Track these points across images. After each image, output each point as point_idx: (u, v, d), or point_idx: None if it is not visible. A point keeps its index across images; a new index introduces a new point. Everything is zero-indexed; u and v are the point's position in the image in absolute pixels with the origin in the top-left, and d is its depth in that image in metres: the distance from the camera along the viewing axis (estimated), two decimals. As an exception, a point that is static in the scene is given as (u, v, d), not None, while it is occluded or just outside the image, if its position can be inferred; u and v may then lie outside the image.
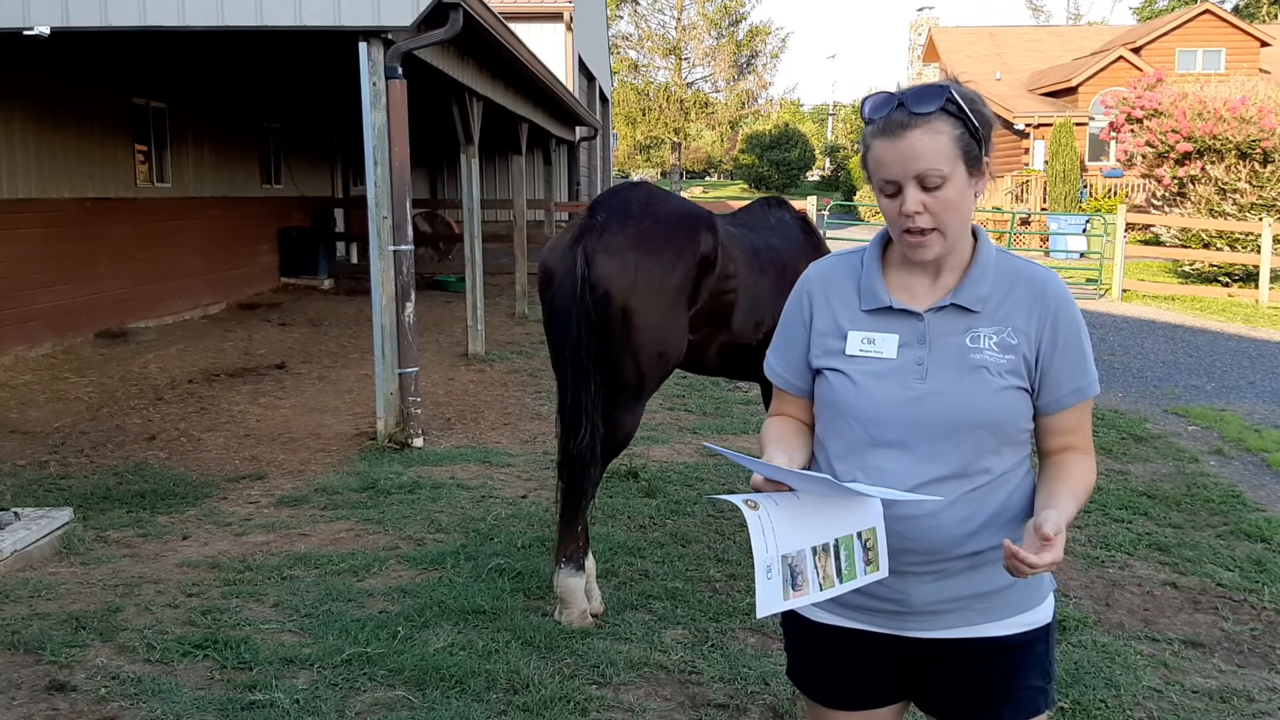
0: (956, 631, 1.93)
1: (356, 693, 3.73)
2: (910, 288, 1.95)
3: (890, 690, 2.03)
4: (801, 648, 2.10)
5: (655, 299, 4.19)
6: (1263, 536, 5.57)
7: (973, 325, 1.90)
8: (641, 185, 4.57)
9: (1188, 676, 3.99)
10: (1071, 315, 1.92)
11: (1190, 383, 10.12)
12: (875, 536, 1.81)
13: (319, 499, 6.10)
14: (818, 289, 2.03)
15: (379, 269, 7.39)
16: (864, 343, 1.93)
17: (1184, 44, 32.96)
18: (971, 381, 1.87)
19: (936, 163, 1.81)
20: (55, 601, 4.50)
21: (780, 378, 2.08)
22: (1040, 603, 1.97)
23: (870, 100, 1.87)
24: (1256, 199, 17.27)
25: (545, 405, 8.75)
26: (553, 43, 24.04)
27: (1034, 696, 1.95)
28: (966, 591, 1.91)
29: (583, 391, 4.15)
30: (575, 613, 4.27)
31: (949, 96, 1.82)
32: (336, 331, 12.62)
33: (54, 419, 7.95)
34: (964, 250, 1.94)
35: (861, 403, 1.91)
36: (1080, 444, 1.95)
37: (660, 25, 56.71)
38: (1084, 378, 1.92)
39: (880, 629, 1.96)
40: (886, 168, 1.84)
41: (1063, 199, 27.65)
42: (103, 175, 11.74)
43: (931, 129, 1.81)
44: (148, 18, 7.15)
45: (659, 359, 4.29)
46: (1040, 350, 1.90)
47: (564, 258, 4.15)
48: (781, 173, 54.45)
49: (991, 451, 1.89)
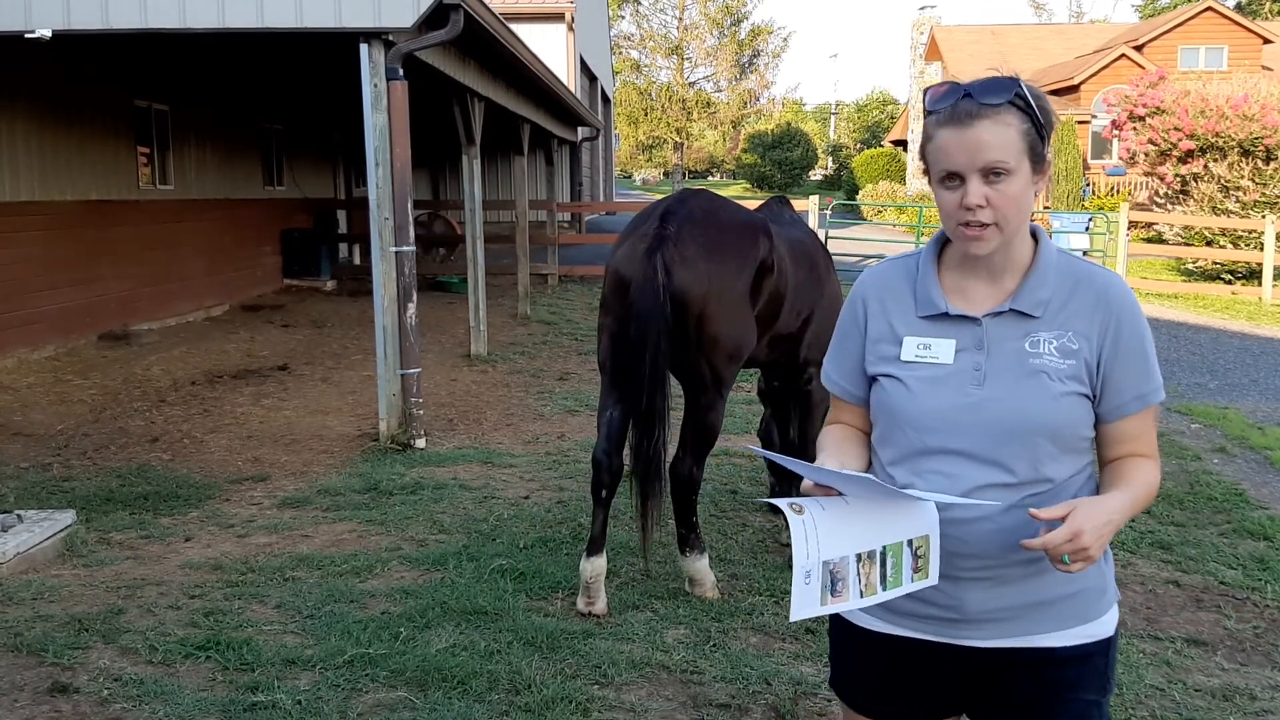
0: (1013, 641, 1.87)
1: (359, 694, 3.73)
2: (967, 292, 1.90)
3: (938, 702, 1.98)
4: (848, 655, 2.05)
5: (727, 303, 4.44)
6: (1266, 535, 5.56)
7: (1032, 330, 1.85)
8: (702, 193, 4.80)
9: (1190, 675, 3.98)
10: (1135, 319, 1.86)
11: (1193, 380, 10.11)
12: (927, 544, 1.77)
13: (321, 500, 6.10)
14: (873, 295, 1.99)
15: (381, 270, 7.39)
16: (920, 349, 1.89)
17: (1186, 41, 32.91)
18: (1030, 387, 1.82)
19: (1003, 155, 1.77)
20: (58, 603, 4.50)
21: (837, 385, 2.05)
22: (1103, 614, 1.91)
23: (933, 90, 1.83)
24: (1259, 196, 17.24)
25: (547, 406, 8.75)
26: (554, 43, 24.06)
27: (1087, 710, 1.89)
28: (1023, 600, 1.86)
29: (659, 394, 4.34)
30: (708, 588, 4.69)
31: (1018, 90, 1.79)
32: (339, 333, 12.63)
33: (57, 421, 7.96)
34: (1024, 252, 1.89)
35: (917, 409, 1.86)
36: (1144, 450, 1.89)
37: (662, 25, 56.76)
38: (1147, 384, 1.86)
39: (933, 637, 1.91)
40: (951, 157, 1.79)
41: (1065, 197, 27.61)
42: (105, 177, 11.76)
43: (1000, 120, 1.77)
44: (149, 20, 7.16)
45: (732, 359, 4.54)
46: (1102, 355, 1.84)
47: (642, 266, 4.34)
48: (784, 172, 54.41)
49: (1051, 459, 1.83)
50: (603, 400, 4.60)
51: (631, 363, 4.37)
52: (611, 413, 4.53)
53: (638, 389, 4.35)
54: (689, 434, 4.57)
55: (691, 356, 4.44)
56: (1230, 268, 17.58)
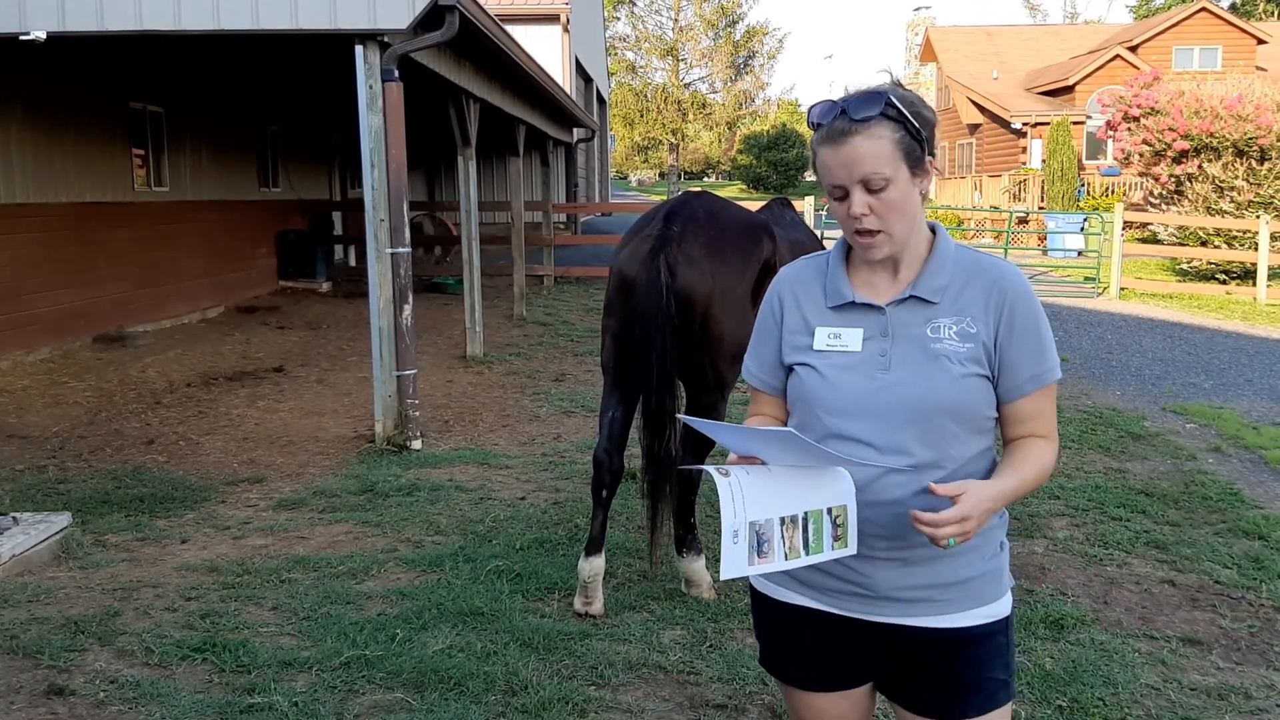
0: (922, 620, 1.97)
1: (355, 695, 3.73)
2: (873, 284, 2.02)
3: (859, 671, 2.08)
4: (770, 631, 2.15)
5: (731, 304, 4.46)
6: (1260, 534, 5.57)
7: (933, 316, 1.96)
8: (705, 195, 4.82)
9: (1186, 674, 3.99)
10: (1029, 304, 1.97)
11: (1188, 380, 10.13)
12: (845, 514, 1.87)
13: (317, 502, 6.10)
14: (787, 290, 2.12)
15: (376, 271, 7.39)
16: (830, 337, 2.01)
17: (1181, 42, 32.98)
18: (933, 370, 1.93)
19: (878, 166, 1.88)
20: (54, 606, 4.50)
21: (756, 377, 2.16)
22: (1001, 595, 2.02)
23: (816, 108, 1.95)
24: (1254, 196, 17.27)
25: (543, 407, 8.75)
26: (550, 44, 24.05)
27: (997, 689, 2.00)
28: (929, 580, 1.96)
29: (667, 394, 4.35)
30: (705, 588, 4.69)
31: (888, 101, 1.88)
32: (335, 334, 12.62)
33: (52, 423, 7.95)
34: (921, 246, 2.01)
35: (830, 394, 1.97)
36: (1042, 430, 2.00)
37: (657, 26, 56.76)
38: (1042, 365, 1.96)
39: (846, 612, 2.01)
40: (832, 173, 1.92)
41: (1060, 198, 27.66)
42: (100, 179, 11.74)
43: (872, 134, 1.88)
44: (144, 22, 7.15)
45: (735, 359, 4.52)
46: (998, 338, 1.95)
47: (646, 267, 4.35)
48: (779, 173, 54.46)
49: (955, 439, 1.94)
50: (605, 400, 4.61)
51: (635, 364, 4.38)
52: (614, 413, 4.55)
53: (645, 390, 4.37)
54: (689, 434, 4.58)
55: (695, 357, 4.46)
56: (1225, 268, 17.60)
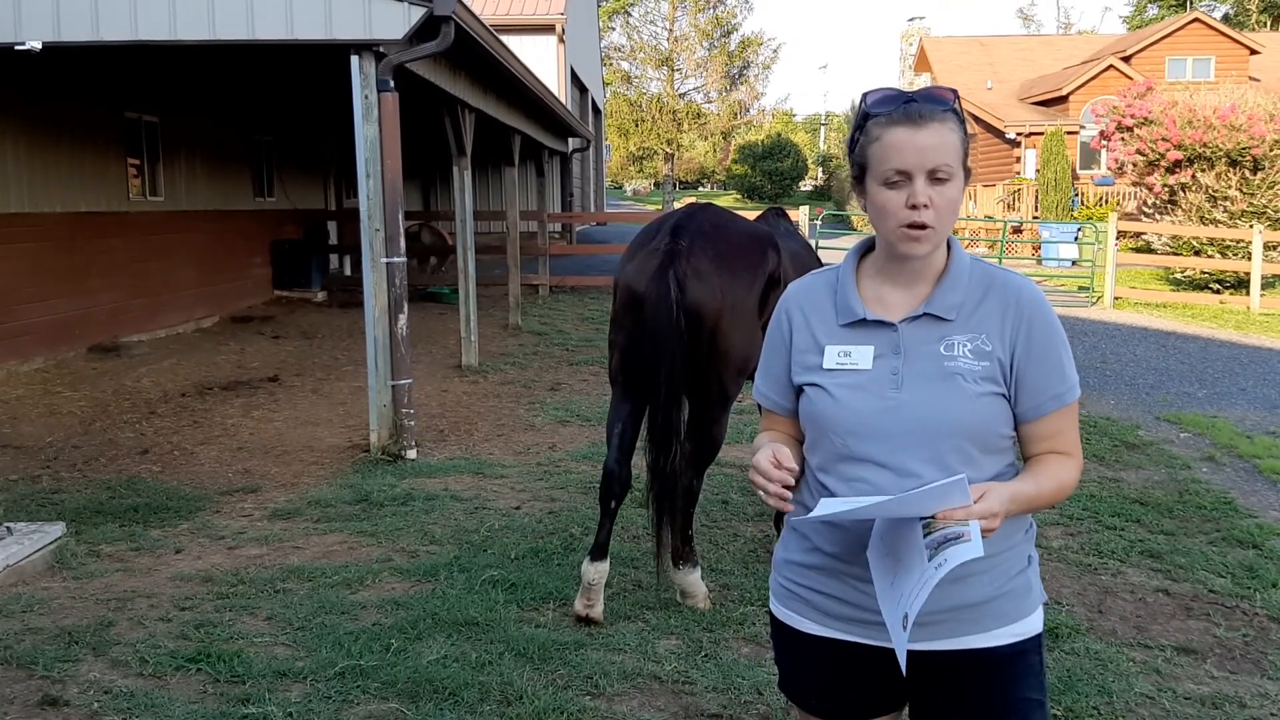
0: (946, 643, 1.92)
1: (350, 705, 3.72)
2: (884, 300, 1.96)
3: (884, 699, 2.03)
4: (790, 657, 2.09)
5: (740, 317, 4.47)
6: (1254, 543, 5.58)
7: (947, 334, 1.90)
8: (710, 207, 4.82)
9: (1180, 683, 4.00)
10: (1047, 321, 1.92)
11: (1182, 389, 10.15)
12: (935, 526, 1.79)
13: (312, 511, 6.09)
14: (795, 308, 2.05)
15: (372, 281, 7.40)
16: (840, 356, 1.94)
17: (1174, 52, 33.08)
18: (946, 389, 1.87)
19: (948, 158, 1.83)
20: (48, 616, 4.49)
21: (766, 398, 2.10)
22: (1030, 613, 1.96)
23: (876, 94, 1.88)
24: (1247, 206, 17.34)
25: (539, 416, 8.75)
26: (545, 55, 24.10)
27: (1030, 710, 1.94)
28: (952, 603, 1.90)
29: (674, 410, 4.35)
30: (700, 599, 4.68)
31: (957, 101, 1.86)
32: (330, 344, 12.61)
33: (46, 433, 7.93)
34: (938, 259, 1.95)
35: (840, 415, 1.91)
36: (1063, 447, 1.94)
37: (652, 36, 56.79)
38: (1063, 384, 1.92)
39: (870, 640, 1.95)
40: (903, 155, 1.83)
41: (1054, 207, 27.71)
42: (95, 189, 11.74)
43: (946, 126, 1.84)
44: (139, 32, 7.16)
45: (740, 373, 4.57)
46: (1015, 357, 1.89)
47: (656, 282, 4.34)
48: (774, 183, 54.46)
49: (971, 460, 1.87)
50: (614, 412, 4.62)
51: (644, 378, 4.39)
52: (623, 425, 4.57)
53: (652, 406, 4.37)
54: (692, 446, 4.57)
55: (702, 371, 4.45)
56: (1218, 277, 17.66)
